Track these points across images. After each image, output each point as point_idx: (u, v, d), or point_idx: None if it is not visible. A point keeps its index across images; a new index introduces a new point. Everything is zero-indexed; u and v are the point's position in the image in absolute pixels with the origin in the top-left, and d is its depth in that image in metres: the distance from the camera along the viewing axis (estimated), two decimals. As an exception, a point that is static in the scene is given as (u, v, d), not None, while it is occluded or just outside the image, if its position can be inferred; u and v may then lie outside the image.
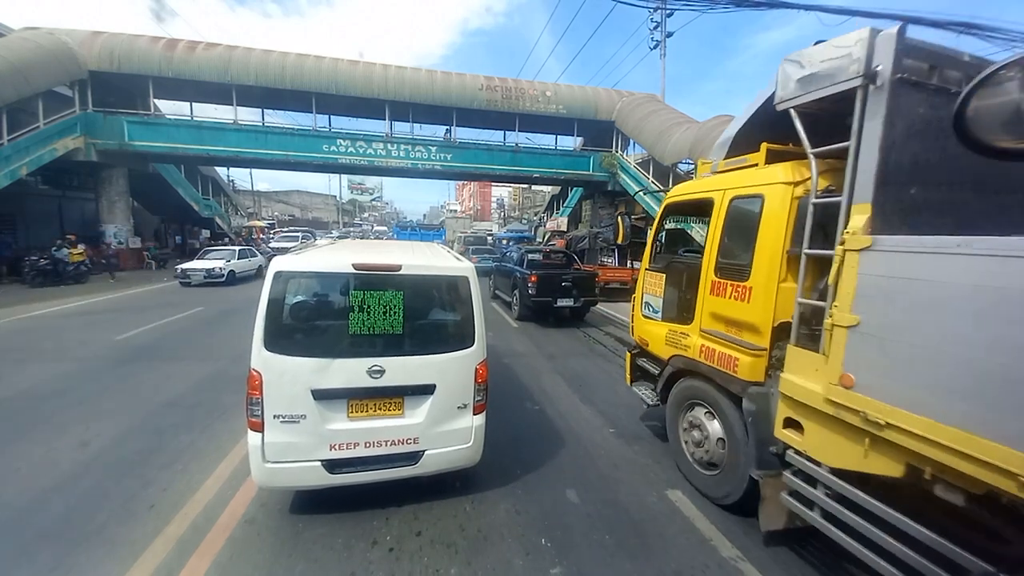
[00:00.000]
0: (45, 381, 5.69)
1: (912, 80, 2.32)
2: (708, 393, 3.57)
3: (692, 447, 3.73)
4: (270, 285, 2.84)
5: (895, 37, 2.26)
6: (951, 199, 2.48)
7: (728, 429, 3.35)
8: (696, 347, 3.70)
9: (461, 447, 3.20)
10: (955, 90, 2.36)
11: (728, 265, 3.42)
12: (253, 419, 2.79)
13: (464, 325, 3.20)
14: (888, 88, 2.28)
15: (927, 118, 2.37)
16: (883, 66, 2.30)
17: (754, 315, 3.13)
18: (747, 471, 3.10)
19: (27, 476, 3.58)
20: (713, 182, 3.74)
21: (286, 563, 2.72)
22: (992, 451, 1.76)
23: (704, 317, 3.63)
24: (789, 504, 2.78)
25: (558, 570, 2.75)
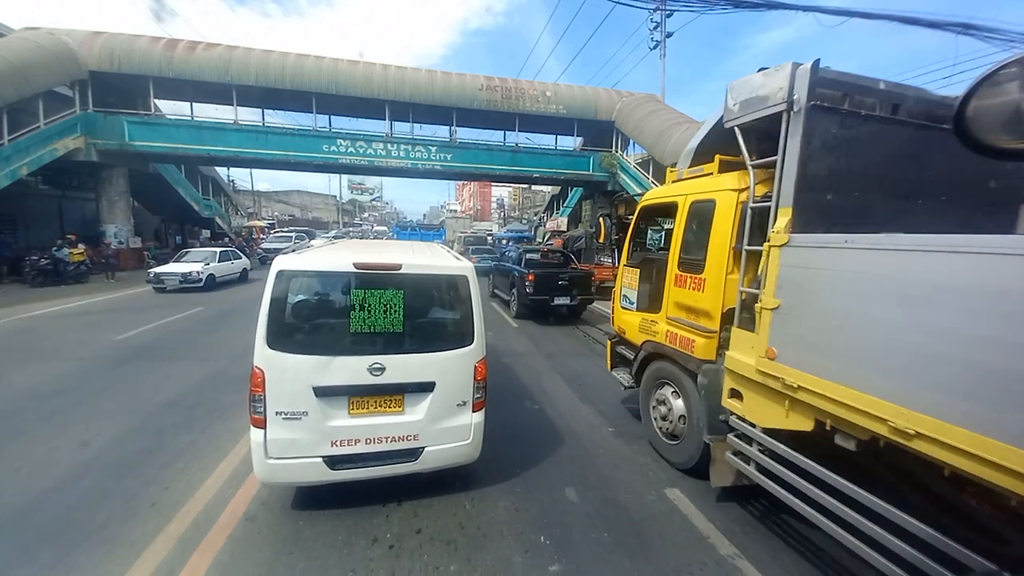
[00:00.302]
0: (46, 381, 5.71)
1: (825, 106, 2.78)
2: (673, 373, 4.06)
3: (660, 421, 4.22)
4: (272, 284, 2.87)
5: (809, 71, 2.71)
6: (863, 203, 2.94)
7: (688, 403, 3.86)
8: (663, 332, 4.19)
9: (460, 444, 3.23)
10: (865, 113, 2.87)
11: (688, 260, 3.92)
12: (256, 416, 2.82)
13: (463, 323, 3.22)
14: (804, 112, 2.74)
15: (840, 136, 2.84)
16: (800, 95, 2.76)
17: (707, 303, 3.64)
18: (701, 437, 3.57)
19: (28, 475, 3.60)
20: (677, 188, 4.26)
21: (287, 561, 2.74)
22: (871, 403, 2.23)
23: (669, 306, 4.12)
24: (733, 462, 3.24)
25: (557, 567, 2.77)
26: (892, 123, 2.99)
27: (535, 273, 10.10)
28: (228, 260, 14.99)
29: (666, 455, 4.12)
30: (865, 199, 2.95)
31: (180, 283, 13.01)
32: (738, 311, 3.25)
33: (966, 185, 3.15)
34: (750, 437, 3.09)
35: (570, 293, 10.18)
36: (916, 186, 3.08)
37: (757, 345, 2.96)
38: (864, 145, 2.92)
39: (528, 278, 10.02)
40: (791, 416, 2.79)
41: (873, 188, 2.98)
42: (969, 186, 3.19)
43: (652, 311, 4.41)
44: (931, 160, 3.09)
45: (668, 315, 4.12)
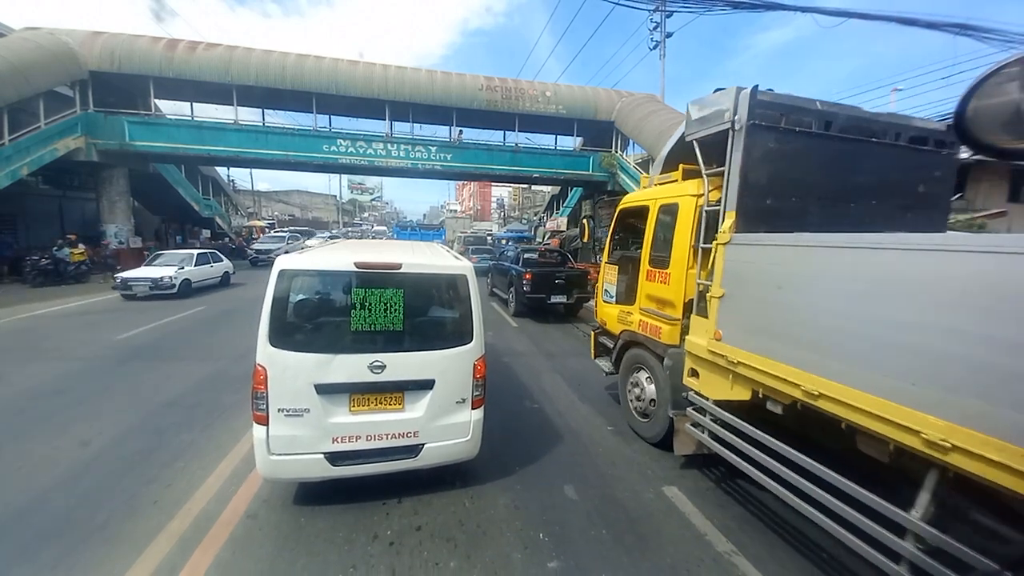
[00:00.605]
0: (47, 380, 5.73)
1: (764, 124, 3.21)
2: (645, 358, 4.55)
3: (634, 402, 4.68)
4: (275, 283, 2.90)
5: (749, 96, 3.16)
6: (800, 207, 3.40)
7: (657, 384, 4.32)
8: (637, 322, 4.69)
9: (460, 440, 3.25)
10: (800, 129, 3.31)
11: (656, 257, 4.41)
12: (258, 413, 2.85)
13: (463, 322, 3.25)
14: (745, 130, 3.18)
15: (778, 149, 3.28)
16: (741, 115, 3.20)
17: (671, 294, 4.14)
18: (667, 413, 4.03)
19: (29, 474, 3.62)
20: (649, 193, 4.76)
21: (288, 557, 2.77)
22: (789, 372, 2.73)
23: (642, 298, 4.62)
24: (691, 432, 3.73)
25: (556, 564, 2.79)
26: (825, 138, 3.41)
27: (532, 272, 10.27)
28: (206, 263, 13.73)
29: (639, 431, 4.61)
30: (802, 203, 3.41)
31: (151, 289, 11.72)
32: (696, 301, 3.74)
33: (894, 189, 3.69)
34: (704, 409, 3.56)
35: (567, 291, 10.35)
36: (848, 191, 3.57)
37: (708, 329, 3.47)
38: (800, 157, 3.38)
39: (526, 277, 10.19)
40: (734, 388, 3.29)
41: (809, 193, 3.44)
42: (896, 190, 3.73)
43: (628, 303, 4.88)
44: (861, 168, 3.57)
45: (641, 306, 4.63)
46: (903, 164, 3.73)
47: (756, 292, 3.06)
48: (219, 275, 14.42)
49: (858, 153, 3.54)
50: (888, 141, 3.63)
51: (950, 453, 1.93)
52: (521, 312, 10.89)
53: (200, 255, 13.62)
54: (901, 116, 3.84)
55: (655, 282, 4.39)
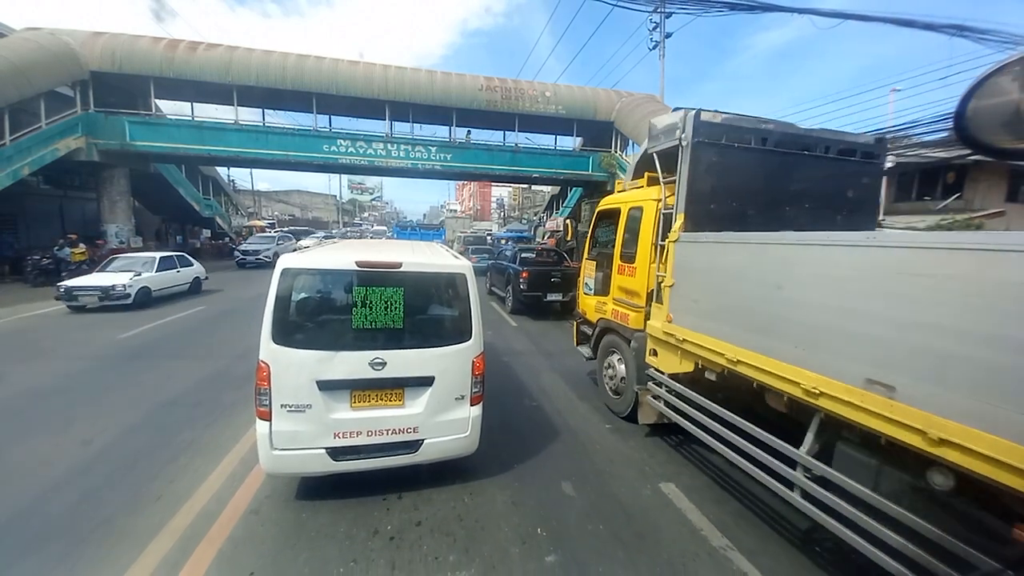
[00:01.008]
0: (50, 379, 5.78)
1: (707, 141, 3.80)
2: (617, 343, 5.11)
3: (608, 381, 5.24)
4: (278, 282, 2.95)
5: (693, 118, 3.77)
6: (740, 210, 3.99)
7: (626, 364, 4.88)
8: (610, 311, 5.25)
9: (459, 436, 3.31)
10: (739, 145, 3.92)
11: (626, 253, 4.97)
12: (261, 408, 2.90)
13: (462, 320, 3.30)
14: (690, 146, 3.79)
15: (720, 163, 3.88)
16: (687, 134, 3.80)
17: (637, 285, 4.70)
18: (633, 388, 4.60)
19: (34, 471, 3.67)
20: (621, 197, 5.33)
21: (290, 551, 2.81)
22: (718, 345, 3.33)
23: (615, 290, 5.19)
24: (651, 403, 4.32)
25: (553, 558, 2.84)
26: (762, 152, 4.02)
27: (529, 270, 10.56)
28: (171, 268, 11.91)
29: (612, 408, 5.19)
30: (742, 207, 4.01)
31: (100, 300, 9.99)
32: (656, 291, 4.30)
33: (825, 195, 4.32)
34: (661, 383, 4.14)
35: (563, 290, 10.57)
36: (784, 197, 4.16)
37: (663, 313, 4.09)
38: (740, 168, 3.97)
39: (522, 275, 10.48)
40: (682, 362, 3.91)
41: (748, 199, 4.05)
42: (828, 196, 4.34)
43: (604, 294, 5.45)
44: (796, 177, 4.18)
45: (614, 296, 5.20)
46: (833, 173, 4.35)
47: (697, 281, 3.73)
48: (187, 281, 12.53)
49: (793, 164, 4.14)
50: (819, 154, 4.24)
51: (819, 398, 2.55)
52: (518, 310, 11.07)
53: (164, 259, 11.83)
54: (832, 131, 4.38)
55: (625, 275, 4.98)
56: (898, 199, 16.44)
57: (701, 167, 3.83)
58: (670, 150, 4.07)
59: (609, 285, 5.28)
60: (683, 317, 3.84)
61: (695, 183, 3.85)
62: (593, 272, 5.83)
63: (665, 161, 4.28)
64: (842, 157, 4.34)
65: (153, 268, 11.20)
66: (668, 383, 4.04)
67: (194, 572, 2.63)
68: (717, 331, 3.40)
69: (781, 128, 4.15)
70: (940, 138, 12.95)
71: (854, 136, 4.47)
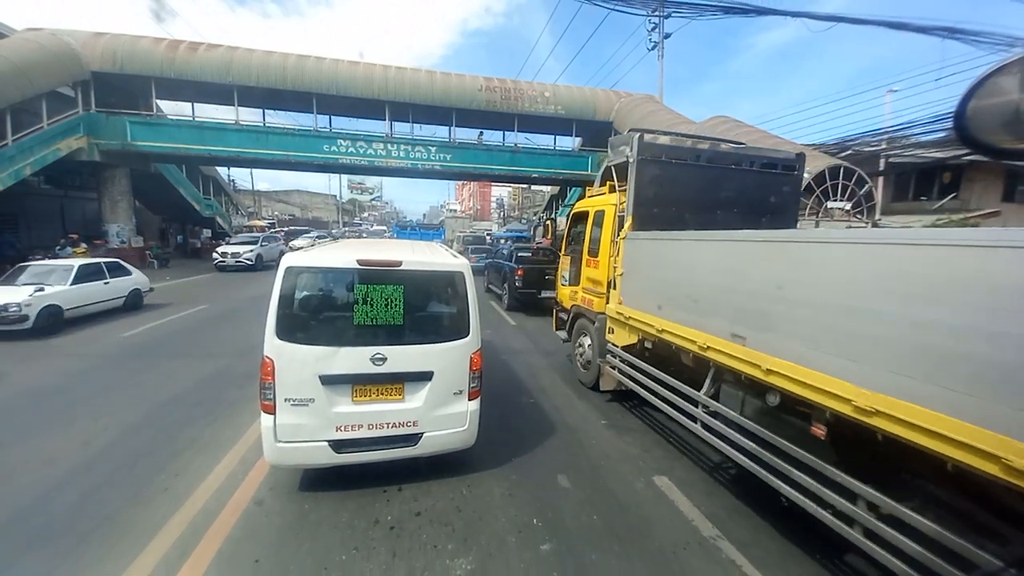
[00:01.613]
0: (56, 376, 5.87)
1: (651, 157, 4.78)
2: (586, 325, 5.96)
3: (579, 358, 6.17)
4: (282, 279, 3.04)
5: (638, 141, 4.71)
6: (678, 214, 4.91)
7: (592, 343, 5.74)
8: (580, 298, 6.16)
9: (457, 430, 3.40)
10: (676, 161, 4.88)
11: (592, 248, 5.83)
12: (266, 402, 2.99)
13: (460, 317, 3.40)
14: (635, 163, 4.73)
15: (660, 175, 4.84)
16: (632, 153, 4.73)
17: (600, 275, 5.55)
18: (597, 362, 5.50)
19: (42, 467, 3.75)
20: (590, 202, 6.24)
21: (294, 541, 2.90)
22: (653, 320, 4.23)
23: (584, 280, 6.06)
24: (610, 372, 5.20)
25: (548, 546, 2.93)
26: (697, 167, 5.02)
27: (524, 268, 10.96)
28: (97, 279, 9.23)
29: (583, 380, 6.07)
30: (679, 211, 4.93)
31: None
32: (613, 279, 5.10)
33: (750, 201, 5.19)
34: (616, 354, 5.04)
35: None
36: (716, 203, 5.06)
37: (616, 297, 5.00)
38: (678, 180, 4.91)
39: (518, 273, 10.91)
40: (629, 336, 4.82)
41: (685, 205, 4.96)
42: (753, 202, 5.21)
43: (576, 284, 6.35)
44: (725, 187, 5.10)
45: (583, 286, 6.07)
46: (758, 183, 5.22)
47: (640, 270, 4.69)
48: (120, 295, 9.83)
49: (724, 176, 5.09)
50: (745, 167, 5.16)
51: (708, 351, 3.49)
52: (514, 307, 11.32)
53: (85, 268, 9.05)
54: (756, 148, 5.54)
55: (591, 267, 5.83)
56: (895, 199, 16.55)
57: (645, 179, 4.77)
58: (623, 164, 4.93)
59: (580, 276, 6.18)
60: (630, 299, 4.78)
61: (640, 192, 4.77)
62: (568, 266, 6.71)
63: (620, 173, 5.19)
64: (765, 170, 5.22)
65: (67, 280, 8.44)
66: (620, 354, 4.95)
67: (201, 560, 2.72)
68: (651, 309, 4.36)
69: (714, 147, 5.21)
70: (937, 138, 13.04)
71: (776, 152, 5.44)
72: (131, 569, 2.64)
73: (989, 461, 1.79)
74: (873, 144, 14.58)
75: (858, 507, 2.39)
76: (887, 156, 15.21)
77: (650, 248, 4.51)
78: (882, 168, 15.64)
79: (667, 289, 4.15)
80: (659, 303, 4.20)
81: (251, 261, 18.82)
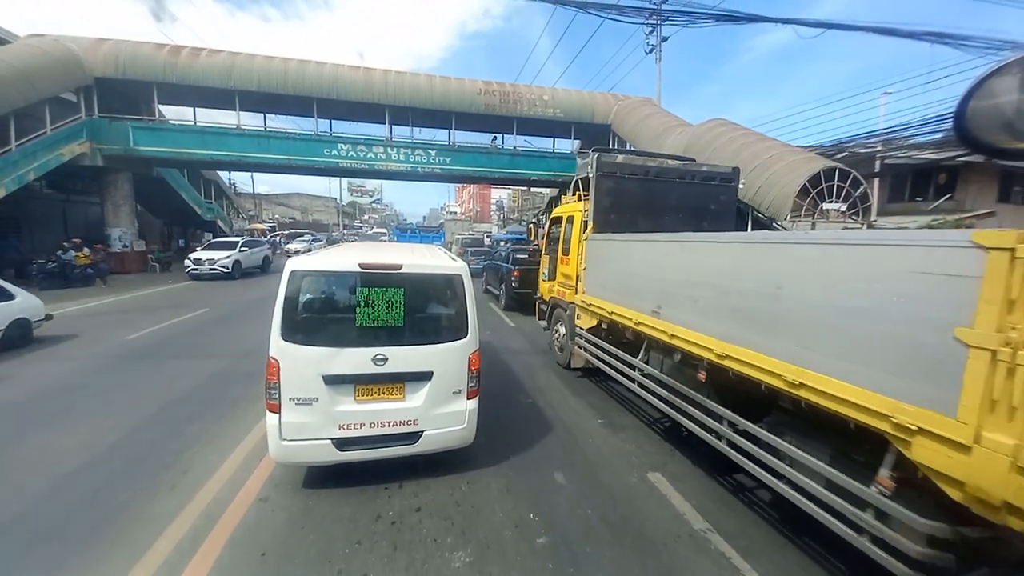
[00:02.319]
0: (64, 377, 5.98)
1: (607, 173, 5.79)
2: (560, 314, 7.02)
3: (555, 342, 7.26)
4: (286, 283, 3.16)
5: (596, 159, 5.73)
6: (631, 219, 5.88)
7: (565, 328, 6.75)
8: (557, 291, 7.19)
9: (456, 428, 3.51)
10: (628, 175, 5.90)
11: (565, 247, 6.86)
12: (271, 401, 3.10)
13: (458, 318, 3.52)
14: (595, 177, 5.75)
15: (616, 187, 5.85)
16: (592, 169, 5.76)
17: (571, 271, 6.48)
18: (568, 344, 6.49)
19: (54, 462, 3.85)
20: (564, 208, 7.45)
21: (298, 534, 3.01)
22: (606, 305, 5.20)
23: (559, 275, 7.10)
24: (578, 352, 6.19)
25: (544, 540, 3.04)
26: (646, 180, 6.00)
27: (520, 269, 11.34)
28: None
29: (558, 361, 7.06)
30: (632, 217, 5.90)
31: None
32: (580, 274, 6.06)
33: (693, 208, 6.18)
34: (582, 336, 6.00)
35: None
36: (663, 210, 6.06)
37: (581, 288, 6.00)
38: (631, 191, 5.92)
39: (514, 274, 11.31)
40: (591, 319, 5.71)
41: (637, 211, 5.94)
42: (694, 208, 6.18)
43: (553, 279, 7.38)
44: (671, 196, 6.10)
45: (559, 281, 7.09)
46: (699, 193, 6.21)
47: (597, 265, 5.65)
48: None
49: (669, 187, 6.07)
50: (688, 180, 6.14)
51: (639, 326, 4.51)
52: (511, 306, 11.63)
53: None
54: (698, 164, 6.60)
55: (564, 264, 6.82)
56: (891, 200, 16.66)
57: (603, 190, 5.78)
58: (586, 178, 5.99)
59: (556, 271, 7.22)
60: (591, 289, 5.76)
61: (599, 201, 5.77)
62: (547, 263, 7.83)
63: (585, 185, 6.29)
64: (705, 182, 6.22)
65: None
66: (585, 335, 5.90)
67: (209, 553, 2.83)
68: (604, 296, 5.34)
69: (661, 163, 6.24)
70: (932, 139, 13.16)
71: (715, 166, 6.60)
72: (144, 559, 2.75)
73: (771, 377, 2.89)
74: (869, 146, 14.70)
75: (723, 425, 3.40)
76: (883, 158, 15.34)
77: (603, 247, 5.47)
78: (878, 170, 15.76)
79: (614, 279, 5.18)
80: (610, 291, 5.24)
81: (227, 268, 16.78)
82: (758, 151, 12.92)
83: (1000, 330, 1.77)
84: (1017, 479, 1.74)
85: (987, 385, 1.81)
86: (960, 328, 1.89)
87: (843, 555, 2.88)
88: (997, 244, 1.81)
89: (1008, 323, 1.77)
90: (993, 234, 1.83)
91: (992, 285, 1.80)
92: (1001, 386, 1.78)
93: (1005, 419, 1.79)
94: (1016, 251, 1.75)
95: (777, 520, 3.33)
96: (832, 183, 11.57)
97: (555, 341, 7.16)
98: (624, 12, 11.50)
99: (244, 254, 18.10)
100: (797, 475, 2.74)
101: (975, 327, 1.85)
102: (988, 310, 1.81)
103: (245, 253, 18.23)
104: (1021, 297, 1.75)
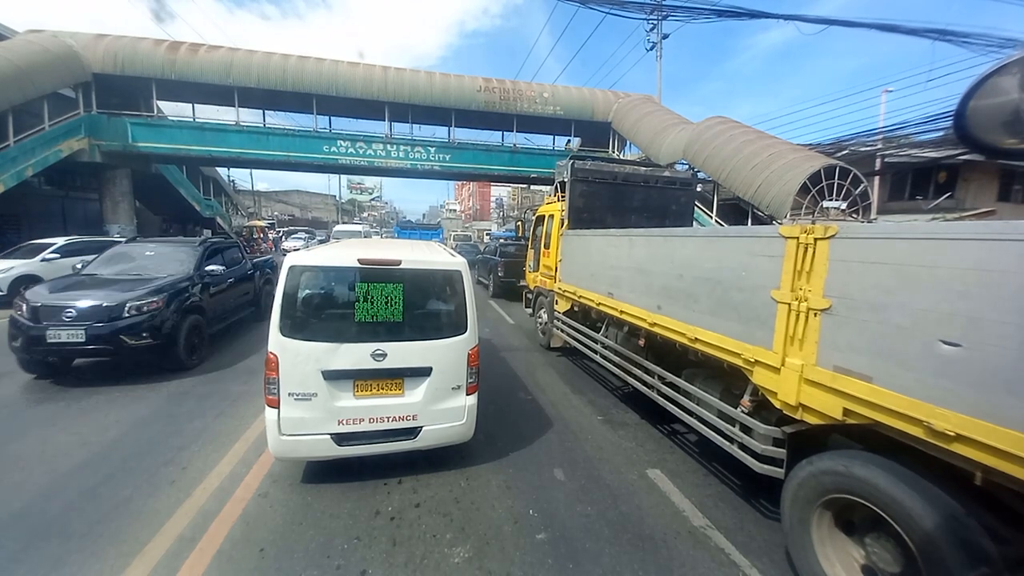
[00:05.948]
0: (60, 373, 5.96)
1: (580, 178, 6.70)
2: (543, 301, 7.91)
3: (539, 326, 8.26)
4: (285, 278, 3.15)
5: (570, 165, 6.69)
6: (602, 217, 6.79)
7: (546, 313, 7.62)
8: (540, 280, 8.03)
9: (455, 424, 3.51)
10: (600, 180, 6.80)
11: (547, 242, 7.63)
12: (270, 396, 3.10)
13: (458, 314, 3.51)
14: (570, 182, 6.69)
15: (588, 190, 6.76)
16: (567, 174, 6.73)
17: (552, 262, 7.22)
18: (549, 327, 7.43)
19: (52, 458, 3.84)
20: (546, 208, 8.14)
21: (298, 530, 3.01)
22: (579, 291, 6.04)
23: (541, 266, 7.92)
24: (557, 333, 7.04)
25: (543, 535, 3.04)
26: (614, 184, 6.85)
27: (505, 261, 13.33)
28: None
29: (542, 343, 7.98)
30: (602, 216, 6.78)
31: None
32: (558, 265, 6.85)
33: (655, 208, 7.10)
34: (559, 319, 6.79)
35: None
36: (630, 210, 6.95)
37: (559, 276, 6.83)
38: (601, 193, 6.79)
39: (499, 266, 13.29)
40: (567, 304, 6.54)
41: (607, 210, 6.83)
42: (657, 208, 7.09)
43: (537, 270, 8.28)
44: (636, 198, 6.98)
45: (541, 271, 7.90)
46: (661, 195, 7.12)
47: (569, 256, 6.46)
48: None
49: (634, 190, 6.93)
50: (652, 184, 7.00)
51: (600, 305, 5.34)
52: (497, 293, 13.63)
53: None
54: (661, 169, 7.52)
55: (546, 257, 7.60)
56: (891, 198, 16.65)
57: (576, 193, 6.68)
58: (563, 182, 6.87)
59: (539, 263, 8.09)
60: (566, 278, 6.60)
61: (573, 202, 6.69)
62: (532, 256, 8.77)
63: (562, 188, 7.04)
64: (667, 186, 7.10)
65: None
66: (561, 318, 6.70)
67: (208, 549, 2.83)
68: (576, 283, 6.12)
69: (632, 169, 7.12)
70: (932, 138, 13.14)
71: (676, 171, 7.62)
72: (142, 553, 2.75)
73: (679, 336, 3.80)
74: (869, 144, 14.68)
75: (655, 380, 4.36)
76: (883, 156, 15.32)
77: (574, 241, 6.32)
78: (878, 168, 15.74)
79: (582, 268, 5.98)
80: (578, 278, 6.07)
81: None
82: (758, 149, 12.89)
83: (793, 291, 2.69)
84: (806, 387, 2.61)
85: (786, 327, 2.72)
86: (774, 290, 2.82)
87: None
88: (790, 234, 2.70)
89: (797, 286, 2.66)
90: (788, 228, 2.73)
91: (789, 261, 2.71)
92: (794, 327, 2.68)
93: (798, 349, 2.67)
94: (800, 239, 2.62)
95: (776, 517, 3.32)
96: (832, 181, 11.55)
97: (539, 325, 8.18)
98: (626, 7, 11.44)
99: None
100: (701, 410, 3.66)
101: (780, 289, 2.77)
102: (787, 278, 2.72)
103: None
104: (803, 268, 2.62)
